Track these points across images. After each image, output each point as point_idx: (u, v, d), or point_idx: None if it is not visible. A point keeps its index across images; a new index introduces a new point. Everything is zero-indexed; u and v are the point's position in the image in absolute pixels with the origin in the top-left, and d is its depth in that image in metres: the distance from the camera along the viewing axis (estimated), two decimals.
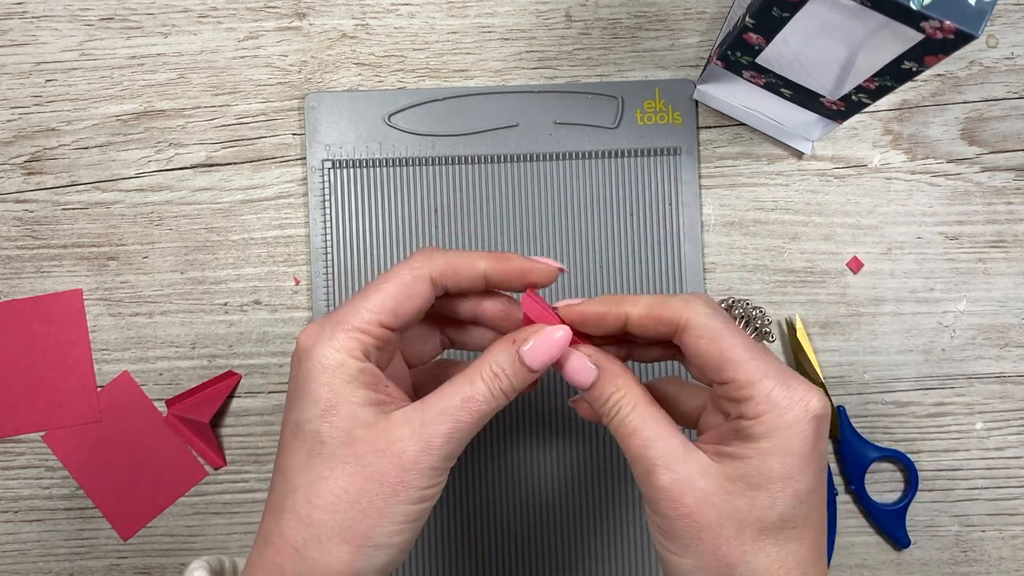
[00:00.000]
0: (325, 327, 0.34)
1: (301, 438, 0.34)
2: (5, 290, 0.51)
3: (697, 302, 0.35)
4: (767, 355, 0.34)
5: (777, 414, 0.33)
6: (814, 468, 0.33)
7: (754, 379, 0.33)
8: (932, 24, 0.35)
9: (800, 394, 0.33)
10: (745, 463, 0.33)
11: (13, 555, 0.51)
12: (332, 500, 0.33)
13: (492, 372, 0.35)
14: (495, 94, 0.51)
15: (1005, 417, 0.52)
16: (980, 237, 0.52)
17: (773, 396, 0.33)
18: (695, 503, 0.33)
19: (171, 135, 0.51)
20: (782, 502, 0.33)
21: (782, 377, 0.33)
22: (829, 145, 0.52)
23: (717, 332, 0.34)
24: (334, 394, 0.33)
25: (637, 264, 0.51)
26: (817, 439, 0.33)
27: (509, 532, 0.50)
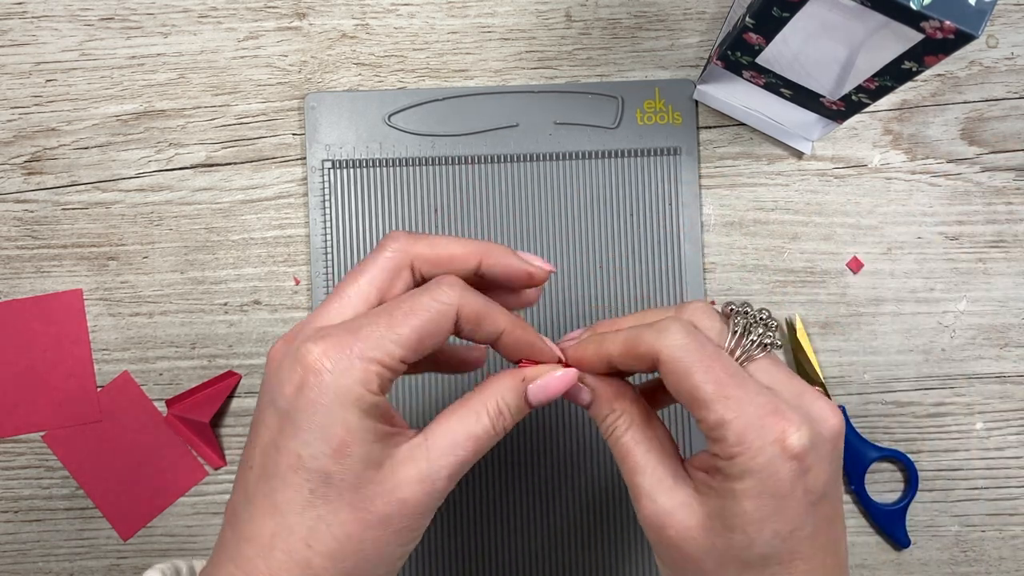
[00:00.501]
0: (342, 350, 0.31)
1: (304, 475, 0.31)
2: (5, 290, 0.51)
3: (671, 332, 0.33)
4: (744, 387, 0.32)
5: (749, 456, 0.31)
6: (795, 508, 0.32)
7: (725, 419, 0.31)
8: (932, 24, 0.35)
9: (775, 432, 0.31)
10: (721, 503, 0.32)
11: (13, 555, 0.51)
12: (335, 547, 0.31)
13: (498, 409, 0.33)
14: (495, 94, 0.51)
15: (1005, 417, 0.52)
16: (980, 237, 0.52)
17: (746, 437, 0.31)
18: (677, 536, 0.33)
19: (171, 135, 0.51)
20: (761, 543, 0.32)
21: (758, 413, 0.31)
22: (829, 145, 0.52)
23: (687, 366, 0.32)
24: (348, 434, 0.31)
25: (637, 264, 0.51)
26: (798, 477, 0.31)
27: (512, 543, 0.50)
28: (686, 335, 0.33)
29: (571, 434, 0.50)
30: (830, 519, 0.33)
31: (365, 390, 0.31)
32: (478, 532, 0.50)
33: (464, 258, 0.35)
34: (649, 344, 0.33)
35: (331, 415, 0.30)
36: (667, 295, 0.51)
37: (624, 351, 0.34)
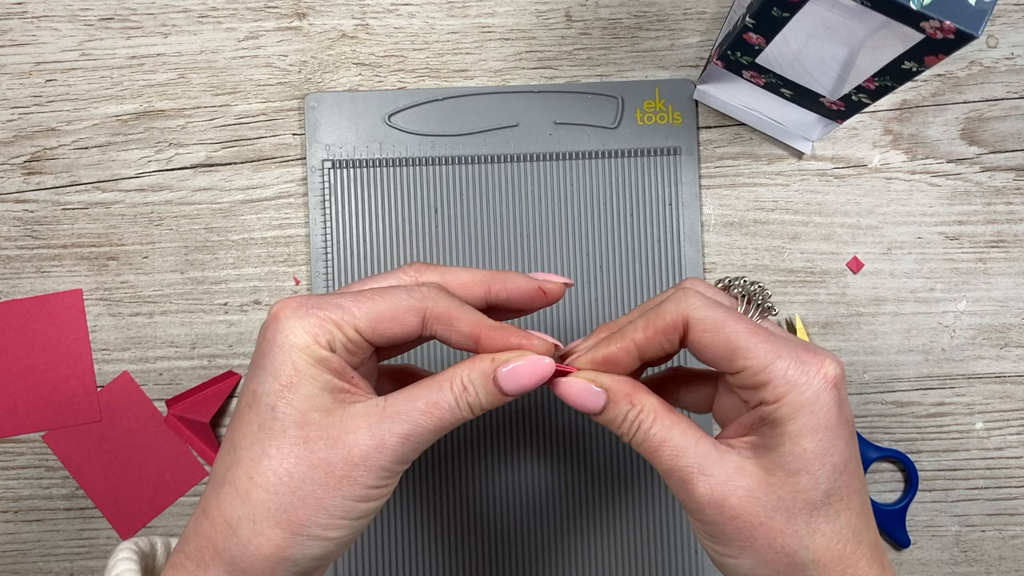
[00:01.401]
0: (304, 305, 0.33)
1: (255, 410, 0.32)
2: (5, 290, 0.51)
3: (691, 296, 0.33)
4: (774, 334, 0.33)
5: (798, 392, 0.32)
6: (845, 436, 0.33)
7: (767, 362, 0.32)
8: (932, 24, 0.35)
9: (815, 366, 0.32)
10: (779, 451, 0.32)
11: (13, 555, 0.51)
12: (273, 480, 0.32)
13: (462, 384, 0.33)
14: (495, 94, 0.51)
15: (1005, 417, 0.52)
16: (980, 237, 0.52)
17: (790, 375, 0.32)
18: (740, 503, 0.32)
19: (171, 135, 0.51)
20: (824, 479, 0.32)
21: (793, 353, 0.32)
22: (829, 145, 0.52)
23: (718, 322, 0.33)
24: (296, 372, 0.32)
25: (637, 264, 0.51)
26: (841, 406, 0.32)
27: (500, 536, 0.50)
28: (706, 297, 0.33)
29: (564, 435, 0.50)
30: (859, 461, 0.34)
31: (314, 341, 0.32)
32: (461, 526, 0.50)
33: (471, 286, 0.36)
34: (674, 313, 0.33)
35: (282, 354, 0.32)
36: None
37: (650, 332, 0.34)
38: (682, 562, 0.50)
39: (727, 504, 0.32)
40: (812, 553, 0.32)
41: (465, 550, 0.50)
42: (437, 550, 0.50)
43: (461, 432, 0.50)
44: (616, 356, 0.35)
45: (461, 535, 0.50)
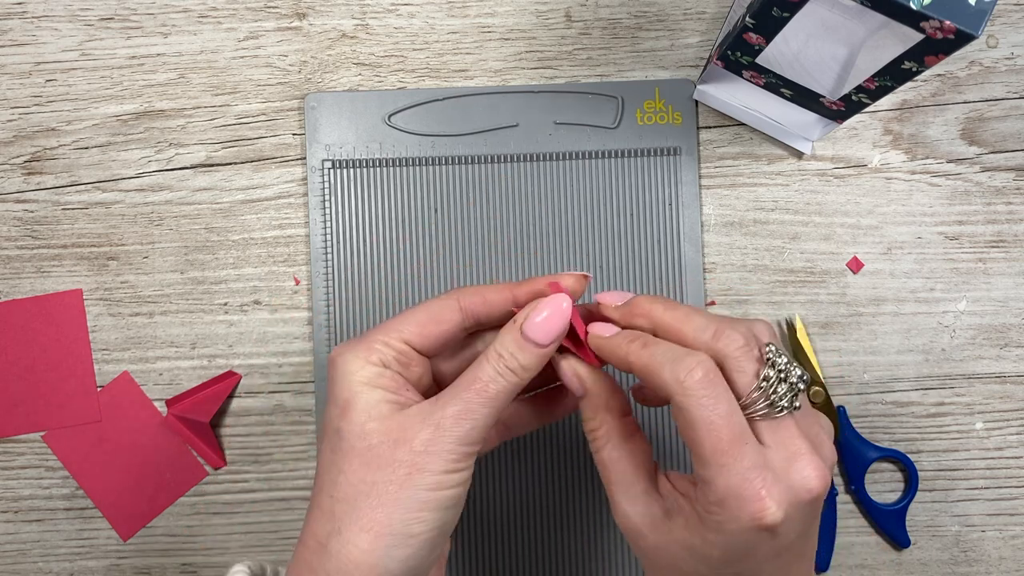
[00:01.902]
0: (354, 339, 0.37)
1: (327, 438, 0.35)
2: (5, 290, 0.51)
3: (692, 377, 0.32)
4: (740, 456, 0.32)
5: (725, 519, 0.32)
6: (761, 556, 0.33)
7: (714, 481, 0.32)
8: (932, 24, 0.35)
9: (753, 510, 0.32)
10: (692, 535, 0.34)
11: (13, 555, 0.51)
12: (350, 492, 0.33)
13: (496, 353, 0.35)
14: (495, 94, 0.51)
15: (1005, 417, 0.52)
16: (980, 237, 0.52)
17: (726, 504, 0.32)
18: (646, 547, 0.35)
19: (171, 135, 0.51)
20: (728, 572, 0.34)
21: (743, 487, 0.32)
22: (829, 145, 0.52)
23: (692, 420, 0.32)
24: (351, 393, 0.35)
25: (637, 264, 0.51)
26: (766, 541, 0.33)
27: (510, 533, 0.50)
28: (704, 385, 0.33)
29: (571, 443, 0.50)
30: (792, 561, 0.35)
31: (366, 362, 0.35)
32: (476, 532, 0.50)
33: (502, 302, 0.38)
34: (666, 382, 0.33)
35: (339, 384, 0.35)
36: (667, 295, 0.51)
37: (644, 374, 0.34)
38: None
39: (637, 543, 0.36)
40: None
41: (468, 547, 0.50)
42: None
43: None
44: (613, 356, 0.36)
45: (465, 532, 0.50)
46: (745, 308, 0.51)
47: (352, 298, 0.50)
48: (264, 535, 0.51)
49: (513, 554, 0.50)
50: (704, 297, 0.51)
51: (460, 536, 0.50)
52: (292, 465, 0.51)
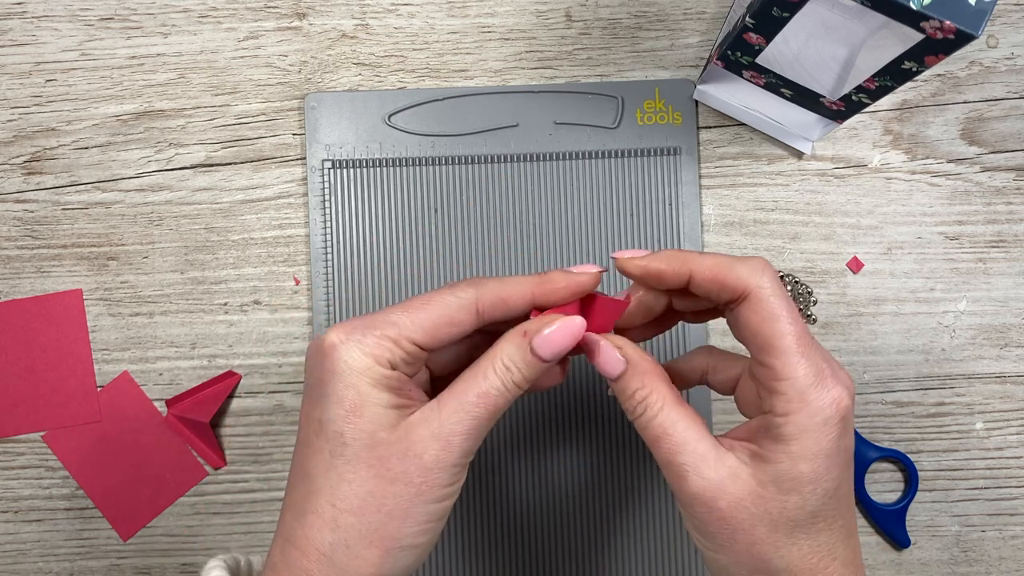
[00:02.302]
0: (357, 328, 0.34)
1: (324, 438, 0.33)
2: (5, 290, 0.51)
3: (764, 274, 0.33)
4: (812, 347, 0.33)
5: (808, 415, 0.32)
6: (841, 463, 0.33)
7: (792, 375, 0.32)
8: (932, 24, 0.35)
9: (834, 394, 0.33)
10: (775, 467, 0.33)
11: (13, 555, 0.51)
12: (357, 504, 0.33)
13: (504, 366, 0.34)
14: (495, 94, 0.51)
15: (1005, 417, 0.52)
16: (980, 237, 0.52)
17: (807, 396, 0.32)
18: (727, 508, 0.33)
19: (171, 135, 0.51)
20: (813, 502, 0.33)
21: (819, 374, 0.33)
22: (829, 145, 0.52)
23: (774, 314, 0.33)
24: (359, 396, 0.33)
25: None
26: (844, 436, 0.33)
27: (530, 527, 0.50)
28: (776, 283, 0.33)
29: (593, 426, 0.50)
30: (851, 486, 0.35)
31: (374, 362, 0.33)
32: (494, 518, 0.50)
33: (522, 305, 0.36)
34: (742, 278, 0.33)
35: (344, 382, 0.33)
36: None
37: (710, 276, 0.34)
38: (685, 559, 0.50)
39: (716, 506, 0.33)
40: (786, 562, 0.33)
41: (485, 544, 0.50)
42: (458, 547, 0.50)
43: None
44: (669, 270, 0.35)
45: (481, 530, 0.50)
46: None
47: (352, 298, 0.50)
48: (264, 535, 0.51)
49: (519, 553, 0.50)
50: None
51: (466, 535, 0.50)
52: None
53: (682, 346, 0.51)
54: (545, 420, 0.50)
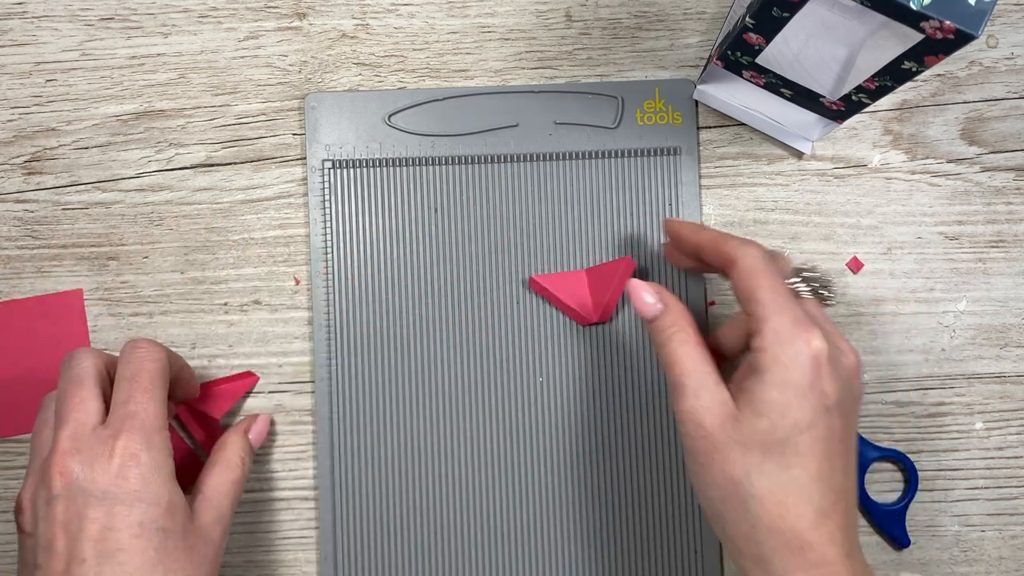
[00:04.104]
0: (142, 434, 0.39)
1: (147, 537, 0.38)
2: (5, 290, 0.51)
3: (751, 246, 0.41)
4: (791, 301, 0.39)
5: (779, 347, 0.38)
6: (813, 403, 0.38)
7: (767, 315, 0.38)
8: (932, 24, 0.35)
9: (803, 336, 0.38)
10: (751, 394, 0.38)
11: (13, 555, 0.51)
12: None
13: (241, 458, 0.45)
14: (495, 94, 0.52)
15: (1005, 417, 0.52)
16: (980, 237, 0.52)
17: (779, 331, 0.38)
18: (710, 426, 0.39)
19: (171, 135, 0.52)
20: (781, 428, 0.38)
21: (794, 318, 0.38)
22: (829, 145, 0.52)
23: (753, 271, 0.40)
24: (172, 496, 0.39)
25: (637, 264, 0.51)
26: (815, 376, 0.38)
27: (496, 519, 0.50)
28: (762, 253, 0.40)
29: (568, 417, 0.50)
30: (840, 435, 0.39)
31: (167, 454, 0.40)
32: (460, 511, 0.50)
33: None
34: (733, 248, 0.41)
35: (156, 482, 0.39)
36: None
37: (711, 246, 0.42)
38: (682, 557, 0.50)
39: (702, 424, 0.39)
40: (755, 489, 0.38)
41: (457, 531, 0.50)
42: (432, 532, 0.50)
43: (462, 416, 0.50)
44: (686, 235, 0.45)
45: (455, 518, 0.50)
46: None
47: (352, 298, 0.50)
48: (264, 535, 0.51)
49: (500, 550, 0.50)
50: (704, 297, 0.51)
51: (447, 532, 0.50)
52: (292, 465, 0.51)
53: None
54: (524, 400, 0.50)
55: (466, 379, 0.50)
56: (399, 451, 0.50)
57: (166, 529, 0.38)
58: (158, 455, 0.39)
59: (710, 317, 0.51)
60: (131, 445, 0.38)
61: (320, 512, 0.50)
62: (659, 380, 0.50)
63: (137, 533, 0.37)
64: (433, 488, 0.50)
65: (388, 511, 0.50)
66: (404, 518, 0.50)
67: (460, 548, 0.50)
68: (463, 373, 0.50)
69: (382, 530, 0.50)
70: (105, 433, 0.39)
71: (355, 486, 0.50)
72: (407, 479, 0.50)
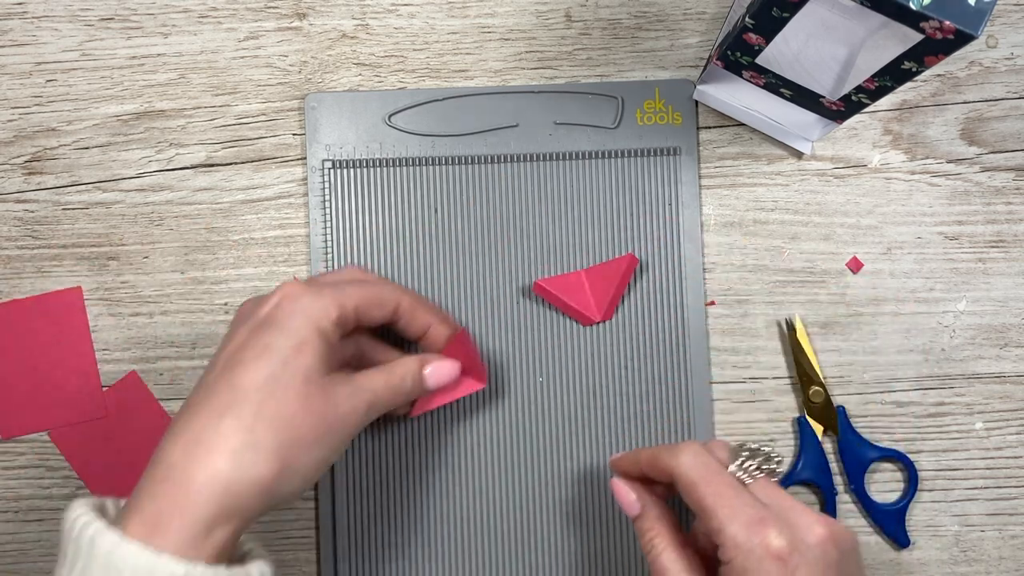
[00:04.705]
0: (315, 285, 0.40)
1: (267, 359, 0.38)
2: (6, 290, 0.51)
3: (683, 452, 0.40)
4: (739, 498, 0.38)
5: (742, 558, 0.37)
6: None
7: (720, 526, 0.38)
8: (932, 24, 0.35)
9: (760, 536, 0.37)
10: None
11: (14, 555, 0.51)
12: (278, 423, 0.37)
13: (402, 374, 0.43)
14: (495, 94, 0.52)
15: (1005, 417, 0.52)
16: (980, 237, 0.52)
17: (737, 540, 0.37)
18: None
19: (171, 135, 0.52)
20: None
21: (747, 520, 0.37)
22: (829, 145, 0.52)
23: (692, 481, 0.39)
24: (309, 339, 0.38)
25: (637, 264, 0.51)
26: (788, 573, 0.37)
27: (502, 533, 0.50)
28: (695, 455, 0.40)
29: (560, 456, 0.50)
30: None
31: (325, 315, 0.39)
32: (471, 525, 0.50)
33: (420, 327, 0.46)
34: (665, 462, 0.41)
35: (299, 322, 0.39)
36: (667, 295, 0.51)
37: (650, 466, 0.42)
38: None
39: None
40: None
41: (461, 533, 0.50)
42: (438, 536, 0.50)
43: (464, 427, 0.50)
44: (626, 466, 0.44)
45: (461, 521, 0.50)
46: (745, 308, 0.51)
47: None
48: (264, 535, 0.51)
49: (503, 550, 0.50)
50: (704, 297, 0.51)
51: (452, 532, 0.50)
52: None
53: (686, 338, 0.51)
54: (520, 419, 0.50)
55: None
56: (398, 450, 0.50)
57: (286, 362, 0.38)
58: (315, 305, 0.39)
59: (709, 317, 0.51)
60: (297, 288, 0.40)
61: (320, 512, 0.50)
62: (659, 379, 0.50)
63: (260, 353, 0.38)
64: (433, 487, 0.50)
65: (388, 511, 0.50)
66: (404, 518, 0.50)
67: (460, 546, 0.50)
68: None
69: (382, 530, 0.50)
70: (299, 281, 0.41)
71: (355, 486, 0.50)
72: (407, 479, 0.50)
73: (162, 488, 0.35)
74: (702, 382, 0.51)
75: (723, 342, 0.51)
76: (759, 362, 0.52)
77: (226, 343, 0.40)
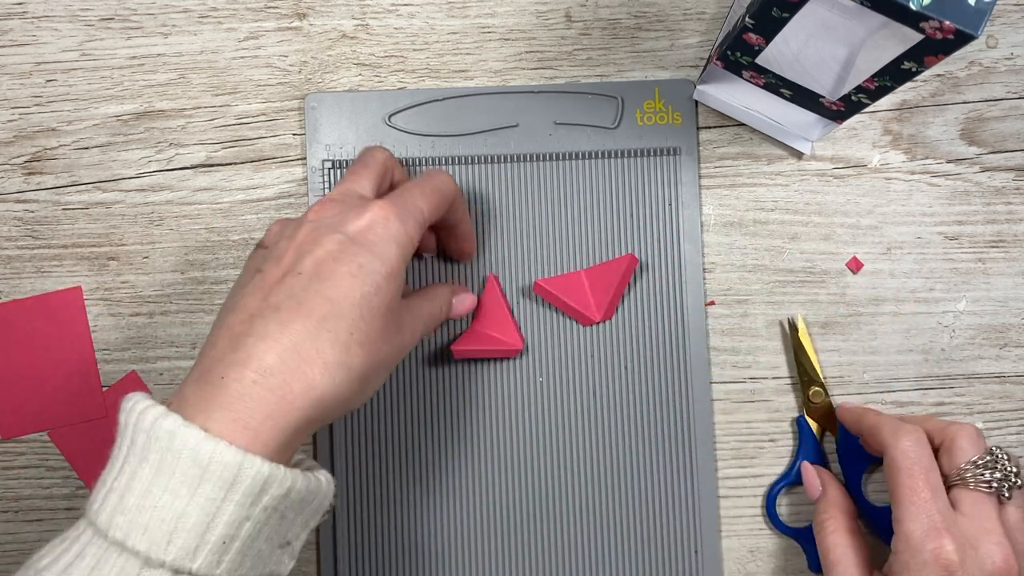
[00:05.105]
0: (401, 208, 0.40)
1: (361, 279, 0.38)
2: (6, 290, 0.51)
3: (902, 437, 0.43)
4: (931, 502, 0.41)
5: (909, 555, 0.40)
6: None
7: (902, 518, 0.41)
8: (932, 24, 0.35)
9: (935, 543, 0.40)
10: None
11: (13, 555, 0.51)
12: (362, 339, 0.38)
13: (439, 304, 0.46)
14: (495, 94, 0.52)
15: (1005, 417, 0.52)
16: (980, 237, 0.52)
17: (910, 538, 0.40)
18: None
19: (171, 135, 0.52)
20: None
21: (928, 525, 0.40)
22: (829, 145, 0.52)
23: (896, 468, 0.42)
24: (399, 265, 0.39)
25: (637, 264, 0.51)
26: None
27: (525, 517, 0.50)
28: (913, 445, 0.43)
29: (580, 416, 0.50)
30: None
31: (410, 245, 0.40)
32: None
33: None
34: (885, 438, 0.44)
35: (392, 248, 0.39)
36: (667, 295, 0.51)
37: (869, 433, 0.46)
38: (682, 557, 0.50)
39: None
40: None
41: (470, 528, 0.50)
42: (445, 528, 0.50)
43: (475, 409, 0.50)
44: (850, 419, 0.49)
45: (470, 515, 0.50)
46: (745, 308, 0.52)
47: None
48: None
49: (512, 548, 0.50)
50: (704, 297, 0.51)
51: (453, 529, 0.50)
52: None
53: (686, 338, 0.51)
54: (537, 403, 0.50)
55: (466, 379, 0.50)
56: (398, 450, 0.50)
57: (379, 287, 0.38)
58: (404, 233, 0.40)
59: (709, 317, 0.51)
60: (387, 212, 0.40)
61: None
62: (659, 379, 0.50)
63: (354, 272, 0.38)
64: (433, 488, 0.50)
65: (388, 511, 0.50)
66: (404, 518, 0.50)
67: (460, 545, 0.50)
68: (463, 373, 0.50)
69: (382, 530, 0.50)
70: (368, 200, 0.41)
71: (355, 486, 0.50)
72: (407, 479, 0.50)
73: (257, 392, 0.35)
74: (702, 382, 0.51)
75: (723, 342, 0.51)
76: (759, 362, 0.52)
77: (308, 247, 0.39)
